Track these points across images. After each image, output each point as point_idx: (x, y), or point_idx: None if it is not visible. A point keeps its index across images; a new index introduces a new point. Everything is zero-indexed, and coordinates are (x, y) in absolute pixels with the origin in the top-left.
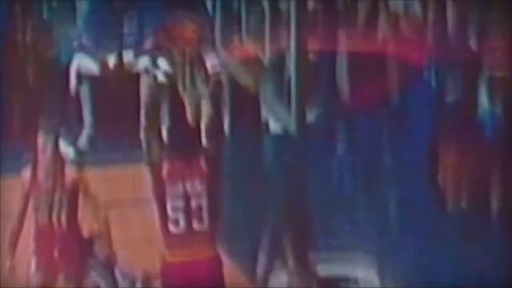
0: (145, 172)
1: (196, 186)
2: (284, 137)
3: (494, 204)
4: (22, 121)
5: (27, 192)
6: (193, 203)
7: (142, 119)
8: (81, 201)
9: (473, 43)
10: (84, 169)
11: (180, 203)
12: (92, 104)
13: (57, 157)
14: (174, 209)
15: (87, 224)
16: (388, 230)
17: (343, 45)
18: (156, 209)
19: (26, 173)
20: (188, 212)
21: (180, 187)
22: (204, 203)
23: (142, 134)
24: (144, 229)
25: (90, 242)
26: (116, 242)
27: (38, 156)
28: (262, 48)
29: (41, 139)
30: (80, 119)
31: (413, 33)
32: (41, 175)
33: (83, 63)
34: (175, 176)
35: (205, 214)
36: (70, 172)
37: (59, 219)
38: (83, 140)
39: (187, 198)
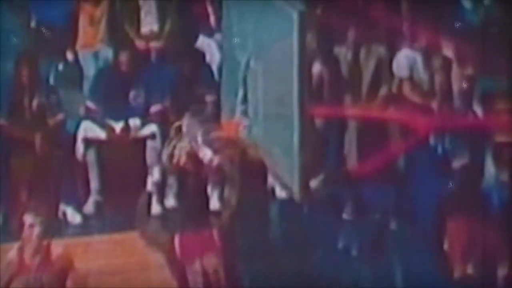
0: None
1: (212, 261)
2: (289, 203)
3: (501, 272)
4: (29, 187)
5: (13, 273)
6: (212, 278)
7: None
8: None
9: (478, 109)
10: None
11: (199, 279)
12: (99, 169)
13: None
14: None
15: None
16: None
17: (348, 112)
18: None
19: (13, 252)
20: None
21: (197, 264)
22: (222, 276)
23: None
24: None
25: None
26: None
27: (25, 235)
28: None
29: (29, 219)
30: (87, 184)
31: (418, 99)
32: (27, 254)
33: (89, 128)
34: (190, 253)
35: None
36: (57, 251)
37: None
38: (89, 206)
39: (205, 274)
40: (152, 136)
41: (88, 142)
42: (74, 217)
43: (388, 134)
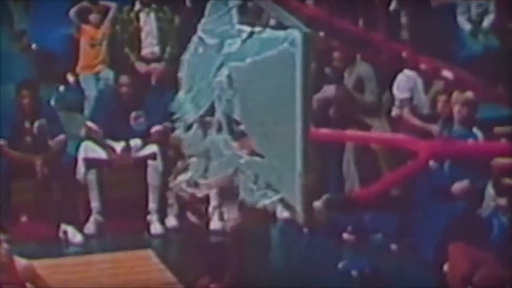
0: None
1: None
2: (291, 224)
3: None
4: (30, 210)
5: None
6: None
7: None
8: None
9: (478, 133)
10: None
11: None
12: (99, 189)
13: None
14: None
15: None
16: None
17: (349, 136)
18: None
19: None
20: None
21: None
22: None
23: None
24: None
25: None
26: None
27: None
28: None
29: None
30: (88, 204)
31: (418, 122)
32: None
33: (90, 148)
34: None
35: None
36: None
37: None
38: (90, 226)
39: None
40: (153, 156)
41: (88, 162)
42: (75, 236)
43: (387, 158)
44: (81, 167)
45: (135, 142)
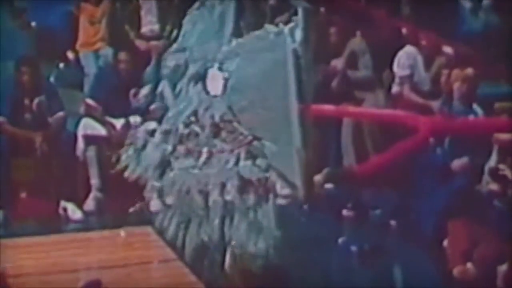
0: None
1: None
2: (291, 201)
3: (501, 271)
4: (29, 186)
5: None
6: None
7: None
8: None
9: (478, 110)
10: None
11: None
12: (99, 166)
13: None
14: None
15: None
16: None
17: (349, 112)
18: None
19: None
20: None
21: None
22: None
23: None
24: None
25: None
26: None
27: None
28: None
29: None
30: (87, 181)
31: (418, 98)
32: None
33: (89, 125)
34: None
35: None
36: None
37: None
38: (90, 202)
39: None
40: (152, 133)
41: (88, 139)
42: (74, 213)
43: (387, 134)
44: (80, 144)
45: (135, 119)
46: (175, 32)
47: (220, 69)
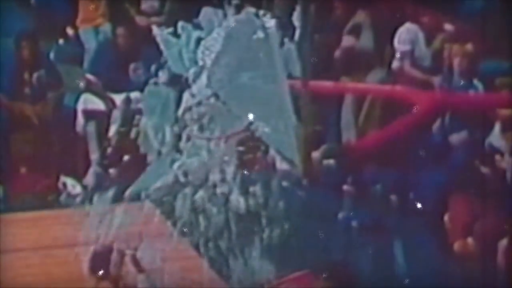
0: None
1: None
2: (290, 176)
3: (501, 246)
4: (29, 160)
5: None
6: None
7: None
8: None
9: (479, 85)
10: None
11: None
12: (99, 141)
13: None
14: None
15: None
16: (393, 272)
17: (349, 87)
18: None
19: None
20: None
21: None
22: None
23: None
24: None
25: None
26: None
27: None
28: None
29: None
30: (87, 156)
31: (419, 74)
32: None
33: (89, 100)
34: None
35: None
36: None
37: None
38: (89, 177)
39: None
40: None
41: (88, 113)
42: (74, 188)
43: (388, 109)
44: (80, 119)
45: (135, 94)
46: (175, 8)
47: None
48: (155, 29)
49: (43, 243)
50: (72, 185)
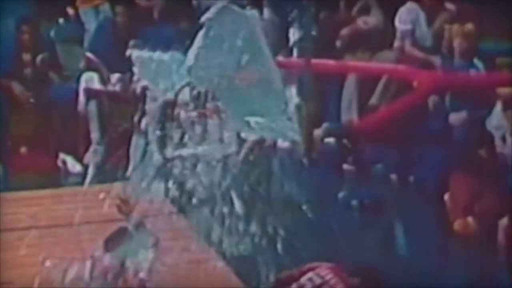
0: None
1: None
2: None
3: (501, 224)
4: (30, 139)
5: None
6: None
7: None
8: None
9: (479, 64)
10: None
11: None
12: (100, 120)
13: None
14: None
15: None
16: (394, 251)
17: (350, 66)
18: None
19: None
20: None
21: None
22: None
23: None
24: None
25: None
26: None
27: None
28: None
29: None
30: (88, 135)
31: (419, 54)
32: None
33: (90, 79)
34: None
35: None
36: None
37: None
38: (90, 156)
39: None
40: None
41: (89, 92)
42: (74, 166)
43: (390, 90)
44: (81, 98)
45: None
46: None
47: None
48: None
49: (43, 222)
50: (72, 164)
